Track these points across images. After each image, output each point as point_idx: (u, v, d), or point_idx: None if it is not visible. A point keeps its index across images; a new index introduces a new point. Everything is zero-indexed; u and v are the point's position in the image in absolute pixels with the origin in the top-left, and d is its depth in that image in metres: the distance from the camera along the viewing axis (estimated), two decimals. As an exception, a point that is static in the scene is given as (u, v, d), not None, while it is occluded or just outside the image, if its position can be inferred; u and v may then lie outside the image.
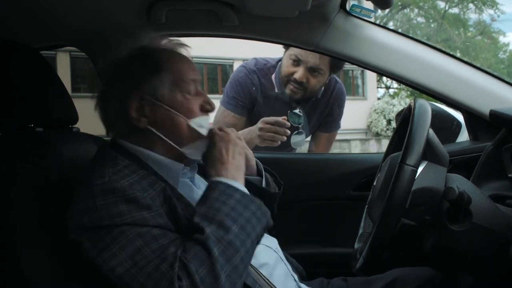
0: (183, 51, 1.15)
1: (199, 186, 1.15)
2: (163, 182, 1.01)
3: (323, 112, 2.16)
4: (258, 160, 1.25)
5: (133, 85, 1.04)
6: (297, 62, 1.93)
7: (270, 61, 2.10)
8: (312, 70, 1.94)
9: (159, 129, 1.05)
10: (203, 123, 1.08)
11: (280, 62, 2.05)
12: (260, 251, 1.09)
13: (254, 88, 2.06)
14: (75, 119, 1.29)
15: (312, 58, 1.90)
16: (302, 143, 2.11)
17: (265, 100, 2.07)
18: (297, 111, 2.04)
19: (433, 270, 1.28)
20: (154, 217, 0.92)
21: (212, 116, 1.18)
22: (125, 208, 0.91)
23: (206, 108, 1.11)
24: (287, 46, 1.97)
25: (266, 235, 1.21)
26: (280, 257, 1.19)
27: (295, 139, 2.05)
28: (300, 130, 2.06)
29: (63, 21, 1.52)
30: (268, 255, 1.16)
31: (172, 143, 1.05)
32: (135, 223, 0.90)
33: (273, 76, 2.05)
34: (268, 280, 1.08)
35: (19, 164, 1.03)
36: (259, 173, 1.25)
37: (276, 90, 2.04)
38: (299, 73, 1.93)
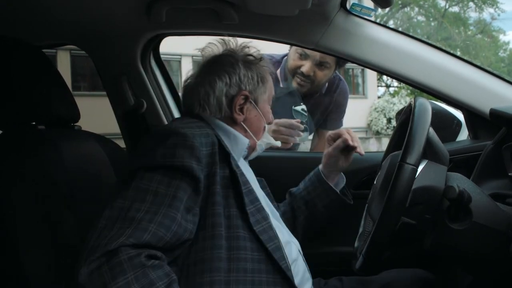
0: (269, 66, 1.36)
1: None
2: (218, 147, 1.10)
3: (327, 109, 2.17)
4: None
5: (245, 86, 1.24)
6: (304, 55, 1.95)
7: (275, 56, 2.11)
8: (319, 64, 1.95)
9: (248, 125, 1.26)
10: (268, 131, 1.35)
11: (285, 58, 2.05)
12: (291, 248, 1.20)
13: None
14: (77, 117, 1.29)
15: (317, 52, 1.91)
16: (305, 139, 2.12)
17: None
18: (300, 107, 2.05)
19: (428, 272, 1.29)
20: (199, 170, 1.02)
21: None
22: (181, 151, 1.01)
23: (271, 120, 1.35)
24: (291, 44, 1.97)
25: (293, 237, 1.28)
26: (302, 258, 1.25)
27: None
28: (304, 126, 2.06)
29: (64, 20, 1.52)
30: (296, 252, 1.23)
31: (254, 137, 1.28)
32: (182, 167, 1.00)
33: (278, 71, 2.06)
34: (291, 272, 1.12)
35: (21, 162, 1.04)
36: None
37: (281, 85, 2.05)
38: (306, 66, 1.96)
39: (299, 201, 1.48)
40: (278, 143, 1.38)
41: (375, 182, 1.23)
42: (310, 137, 2.24)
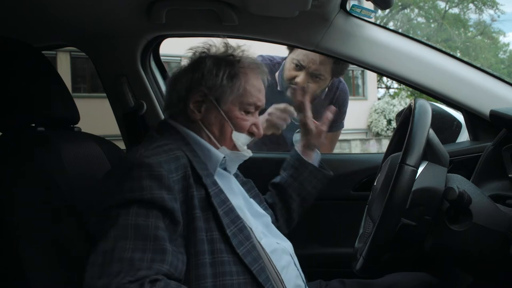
0: (263, 76, 1.25)
1: (233, 184, 1.22)
2: (190, 169, 1.06)
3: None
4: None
5: (203, 82, 1.16)
6: (299, 67, 1.94)
7: (275, 58, 2.11)
8: (313, 76, 1.94)
9: (208, 126, 1.17)
10: (243, 141, 1.20)
11: (284, 61, 2.05)
12: (280, 256, 1.15)
13: None
14: (77, 118, 1.29)
15: (313, 64, 1.91)
16: None
17: (269, 96, 2.07)
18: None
19: (430, 276, 1.29)
20: (171, 200, 0.97)
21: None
22: (148, 183, 0.96)
23: (252, 131, 1.22)
24: (291, 48, 1.97)
25: (285, 239, 1.24)
26: (294, 262, 1.21)
27: (297, 137, 2.05)
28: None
29: (64, 21, 1.52)
30: (286, 258, 1.18)
31: (214, 140, 1.17)
32: (152, 200, 0.94)
33: (277, 74, 2.05)
34: (281, 276, 1.10)
35: (21, 164, 1.03)
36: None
37: (278, 88, 2.04)
38: (300, 77, 1.94)
39: (288, 190, 1.45)
40: (246, 154, 1.22)
41: (375, 184, 1.23)
42: None
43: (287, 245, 1.23)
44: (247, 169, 1.37)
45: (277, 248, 1.16)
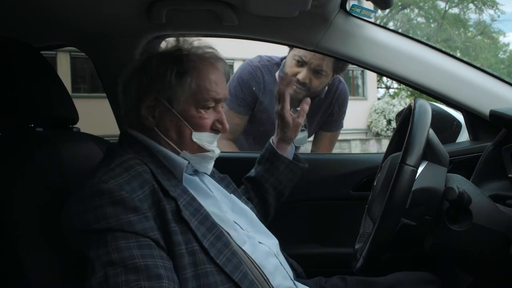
0: (219, 64, 1.16)
1: (206, 184, 1.17)
2: (156, 183, 1.00)
3: (326, 111, 2.17)
4: None
5: (152, 84, 1.08)
6: (301, 63, 1.94)
7: (274, 58, 2.11)
8: (315, 72, 1.94)
9: (165, 132, 1.09)
10: (207, 140, 1.11)
11: (284, 60, 2.05)
12: (265, 258, 1.12)
13: (257, 85, 2.07)
14: (76, 119, 1.29)
15: (315, 59, 1.91)
16: (304, 141, 2.11)
17: (268, 97, 2.08)
18: (299, 109, 2.04)
19: (432, 275, 1.28)
20: (140, 220, 0.93)
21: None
22: (111, 210, 0.91)
23: (216, 127, 1.13)
24: (291, 46, 1.97)
25: (270, 236, 1.22)
26: (280, 262, 1.18)
27: (298, 136, 2.05)
28: (302, 128, 2.06)
29: (64, 21, 1.52)
30: (272, 261, 1.15)
31: (174, 147, 1.09)
32: (120, 227, 0.91)
33: (276, 74, 2.05)
34: (268, 281, 1.07)
35: (20, 164, 1.03)
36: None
37: None
38: (302, 74, 1.94)
39: (264, 185, 1.43)
40: (210, 155, 1.13)
41: (375, 183, 1.23)
42: (311, 138, 2.24)
43: (272, 243, 1.20)
44: (235, 169, 1.37)
45: (261, 254, 1.12)
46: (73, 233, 0.95)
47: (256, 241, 1.14)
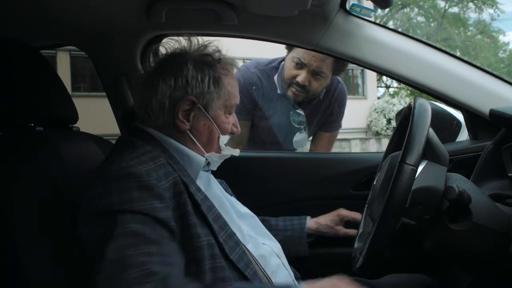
0: (234, 71, 1.21)
1: (212, 184, 1.19)
2: (178, 175, 1.02)
3: (325, 112, 2.17)
4: None
5: (188, 88, 1.09)
6: (300, 65, 1.93)
7: (271, 62, 2.10)
8: (314, 73, 1.93)
9: (196, 134, 1.12)
10: (225, 142, 1.18)
11: (282, 63, 2.04)
12: (268, 258, 1.13)
13: (256, 92, 2.06)
14: (75, 118, 1.29)
15: (315, 61, 1.90)
16: (304, 143, 2.11)
17: (267, 101, 2.07)
18: (298, 111, 2.04)
19: (431, 278, 1.29)
20: (163, 209, 0.94)
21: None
22: (138, 194, 0.92)
23: (232, 130, 1.19)
24: (290, 48, 1.96)
25: (272, 238, 1.23)
26: (283, 263, 1.19)
27: (297, 138, 2.06)
28: (302, 131, 2.06)
29: (63, 20, 1.52)
30: (274, 261, 1.16)
31: (201, 148, 1.13)
32: (144, 211, 0.91)
33: (275, 77, 2.04)
34: (271, 280, 1.08)
35: (19, 163, 1.03)
36: None
37: (278, 91, 2.04)
38: (301, 76, 1.93)
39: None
40: (237, 152, 1.21)
41: (374, 183, 1.23)
42: (310, 138, 2.25)
43: (274, 245, 1.21)
44: (237, 168, 1.37)
45: (264, 252, 1.14)
46: (91, 216, 0.92)
47: (259, 242, 1.15)
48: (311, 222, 1.50)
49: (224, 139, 1.16)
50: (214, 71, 1.12)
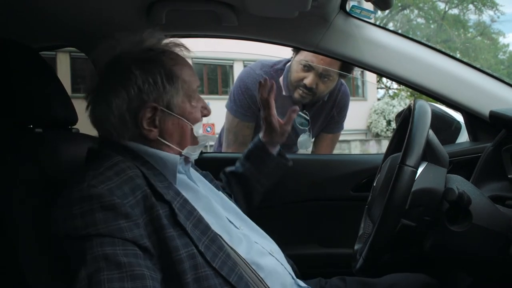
0: (185, 53, 1.13)
1: (195, 181, 1.15)
2: (148, 188, 0.96)
3: (329, 114, 2.17)
4: None
5: (143, 95, 1.01)
6: (307, 68, 1.93)
7: (276, 63, 2.10)
8: (322, 76, 1.94)
9: (167, 137, 1.06)
10: (201, 129, 1.11)
11: (288, 65, 2.04)
12: (256, 254, 1.10)
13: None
14: (75, 119, 1.29)
15: (322, 64, 1.91)
16: (308, 145, 2.12)
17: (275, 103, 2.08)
18: (303, 113, 2.04)
19: (431, 278, 1.29)
20: (131, 227, 0.89)
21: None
22: (101, 216, 0.87)
23: (204, 114, 1.13)
24: (296, 50, 1.97)
25: (263, 234, 1.22)
26: (278, 260, 1.16)
27: (301, 140, 2.06)
28: (307, 133, 2.07)
29: (63, 22, 1.52)
30: (269, 260, 1.13)
31: (176, 148, 1.07)
32: (110, 233, 0.87)
33: (281, 79, 2.05)
34: (264, 281, 1.06)
35: (19, 165, 1.03)
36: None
37: (284, 93, 2.04)
38: (309, 79, 1.93)
39: (252, 181, 1.44)
40: (211, 140, 1.16)
41: (374, 184, 1.23)
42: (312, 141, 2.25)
43: (265, 242, 1.17)
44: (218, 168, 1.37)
45: (256, 254, 1.09)
46: (59, 238, 0.90)
47: (251, 240, 1.12)
48: (262, 136, 1.49)
49: (197, 127, 1.09)
50: (163, 66, 1.04)
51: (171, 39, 1.12)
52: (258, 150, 1.47)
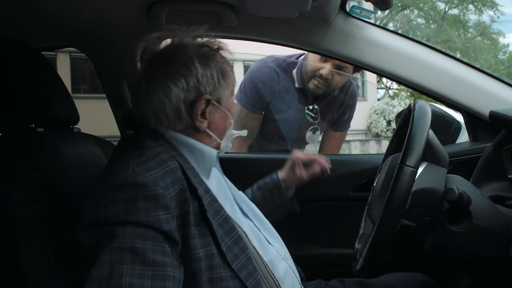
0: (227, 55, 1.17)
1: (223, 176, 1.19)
2: (185, 181, 0.97)
3: (338, 110, 2.19)
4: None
5: (204, 88, 1.05)
6: (325, 58, 1.95)
7: (289, 57, 2.12)
8: (338, 68, 1.97)
9: (212, 129, 1.09)
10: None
11: (302, 57, 2.07)
12: (277, 263, 1.10)
13: (273, 86, 2.08)
14: (76, 119, 1.29)
15: None
16: (316, 140, 2.13)
17: (284, 95, 2.09)
18: (313, 108, 2.06)
19: (430, 278, 1.29)
20: (168, 220, 0.89)
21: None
22: (144, 205, 0.88)
23: (235, 112, 1.18)
24: (291, 47, 1.98)
25: (278, 238, 1.22)
26: (289, 265, 1.17)
27: (310, 134, 2.08)
28: (315, 127, 2.08)
29: (63, 22, 1.52)
30: (282, 266, 1.13)
31: (219, 140, 1.11)
32: (148, 223, 0.87)
33: (294, 71, 2.06)
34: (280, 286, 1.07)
35: (20, 165, 1.03)
36: None
37: (296, 85, 2.06)
38: (326, 69, 1.96)
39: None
40: (244, 133, 1.22)
41: (374, 184, 1.23)
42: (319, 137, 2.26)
43: (279, 246, 1.18)
44: (236, 169, 1.37)
45: (272, 257, 1.10)
46: (91, 223, 0.89)
47: (266, 243, 1.13)
48: (281, 176, 1.52)
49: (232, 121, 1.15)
50: (218, 62, 1.08)
51: (218, 39, 1.16)
52: (272, 184, 1.50)
